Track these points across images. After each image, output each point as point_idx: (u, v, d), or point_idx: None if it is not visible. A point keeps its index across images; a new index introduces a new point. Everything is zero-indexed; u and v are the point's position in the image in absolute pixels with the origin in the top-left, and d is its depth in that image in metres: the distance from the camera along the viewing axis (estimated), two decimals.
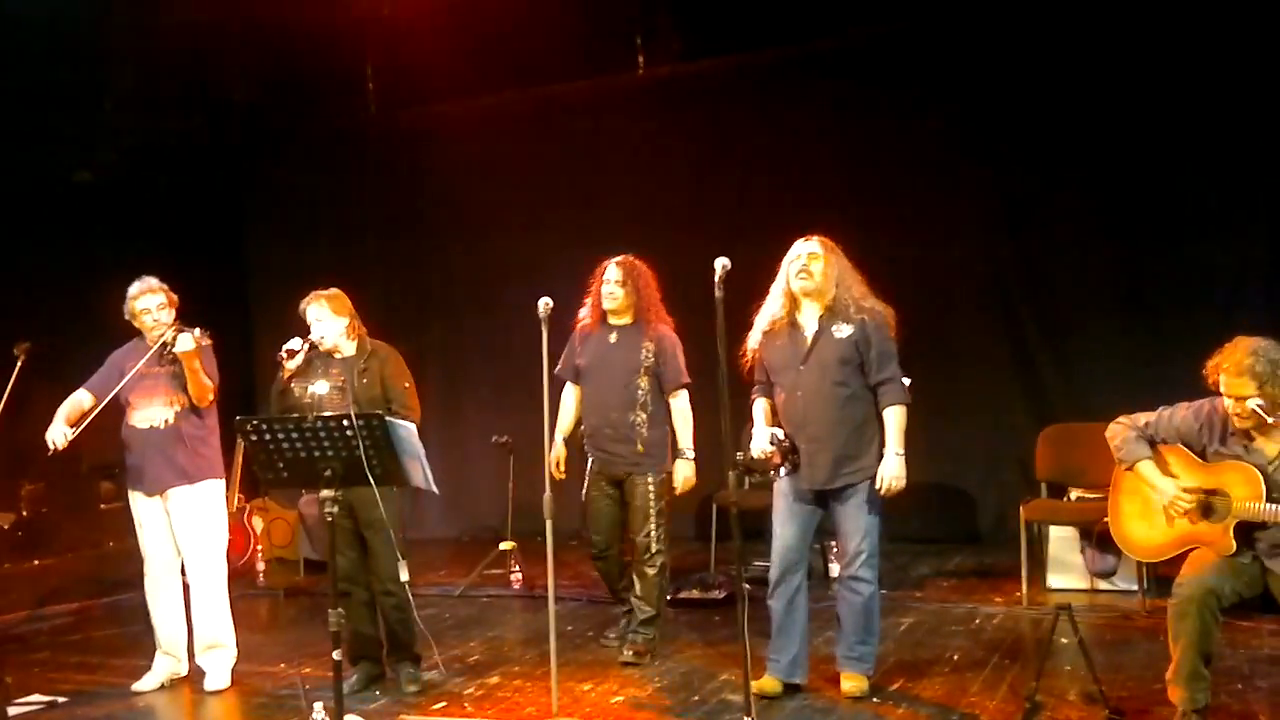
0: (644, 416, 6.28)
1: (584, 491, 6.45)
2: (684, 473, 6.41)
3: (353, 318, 6.19)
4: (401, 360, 6.24)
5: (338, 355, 6.11)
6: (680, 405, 6.40)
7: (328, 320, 6.10)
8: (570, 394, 6.61)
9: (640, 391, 6.28)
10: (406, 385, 6.19)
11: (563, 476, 6.42)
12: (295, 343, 6.02)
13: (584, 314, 6.51)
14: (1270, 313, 7.58)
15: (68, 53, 8.98)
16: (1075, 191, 8.71)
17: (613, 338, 6.38)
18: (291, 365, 5.98)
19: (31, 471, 9.50)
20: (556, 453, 6.45)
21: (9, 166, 8.87)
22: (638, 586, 6.38)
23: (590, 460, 6.44)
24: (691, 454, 6.38)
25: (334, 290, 6.20)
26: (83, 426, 6.21)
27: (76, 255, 9.38)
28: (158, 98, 9.88)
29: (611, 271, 6.36)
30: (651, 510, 6.29)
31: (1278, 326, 5.20)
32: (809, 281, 5.52)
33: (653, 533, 6.28)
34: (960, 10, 8.69)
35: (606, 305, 6.37)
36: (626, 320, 6.40)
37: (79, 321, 8.05)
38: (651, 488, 6.31)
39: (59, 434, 6.15)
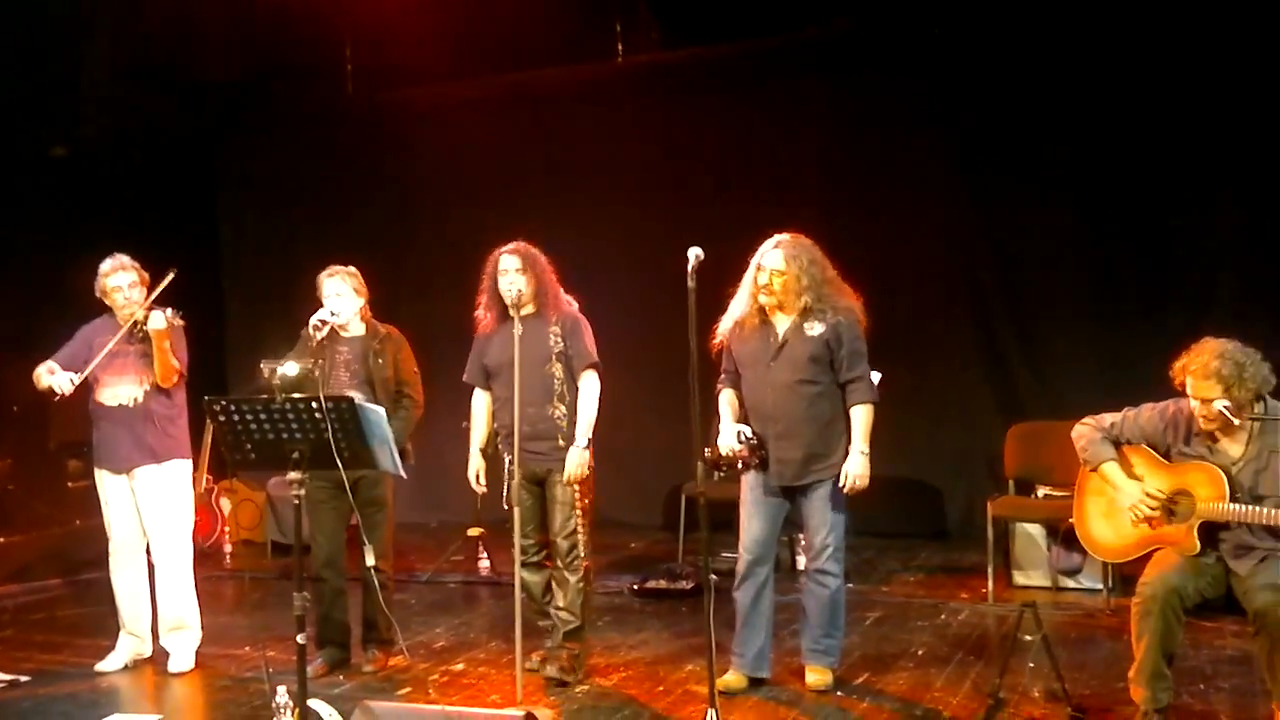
0: (563, 409, 5.78)
1: (505, 496, 5.78)
2: (574, 461, 5.74)
3: (366, 298, 6.22)
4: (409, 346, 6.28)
5: (344, 334, 6.12)
6: (587, 385, 5.82)
7: (348, 296, 6.12)
8: (480, 401, 6.12)
9: (556, 381, 5.78)
10: (415, 370, 6.26)
11: (484, 490, 6.06)
12: (326, 313, 6.00)
13: (481, 313, 6.02)
14: (1242, 311, 7.58)
15: (45, 28, 8.91)
16: (1048, 188, 8.73)
17: (517, 330, 5.62)
18: (318, 338, 5.96)
19: None
20: (476, 466, 6.04)
21: None
22: (559, 595, 5.87)
23: (507, 462, 5.77)
24: (585, 440, 5.76)
25: (353, 268, 6.22)
26: (87, 372, 6.12)
27: (50, 231, 9.29)
28: (135, 75, 9.78)
29: (508, 260, 5.82)
30: (575, 508, 5.77)
31: (1249, 325, 5.25)
32: (771, 298, 5.51)
33: (576, 534, 5.77)
34: (938, 3, 8.69)
35: (509, 299, 5.72)
36: (530, 310, 5.81)
37: (50, 297, 7.99)
38: (575, 484, 5.81)
39: (63, 380, 6.07)
